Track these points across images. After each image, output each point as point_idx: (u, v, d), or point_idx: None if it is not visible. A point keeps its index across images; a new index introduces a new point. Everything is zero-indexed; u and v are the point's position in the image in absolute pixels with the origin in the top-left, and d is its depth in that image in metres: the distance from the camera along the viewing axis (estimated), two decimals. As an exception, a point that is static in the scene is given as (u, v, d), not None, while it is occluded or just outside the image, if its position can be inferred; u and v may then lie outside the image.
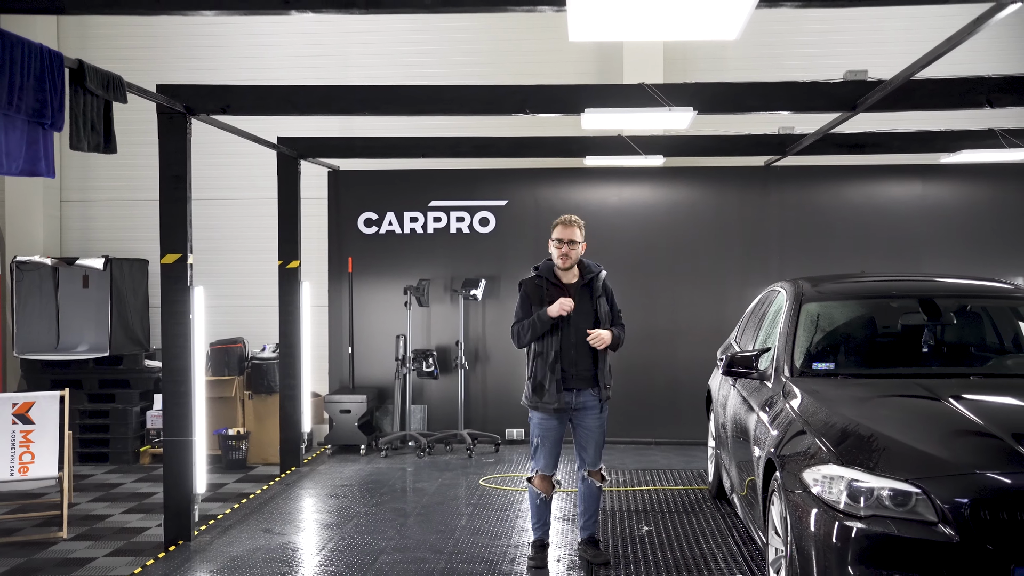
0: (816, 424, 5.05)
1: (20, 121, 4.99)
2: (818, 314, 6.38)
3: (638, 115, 6.89)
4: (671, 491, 8.42)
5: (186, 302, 6.92)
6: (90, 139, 5.65)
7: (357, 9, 4.33)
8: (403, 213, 10.84)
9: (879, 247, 10.49)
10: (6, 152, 4.89)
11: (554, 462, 6.34)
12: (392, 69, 10.76)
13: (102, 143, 5.77)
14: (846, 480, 4.54)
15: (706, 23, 4.21)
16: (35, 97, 5.04)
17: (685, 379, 10.35)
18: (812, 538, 4.58)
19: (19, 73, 4.90)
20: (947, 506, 4.30)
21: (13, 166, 4.97)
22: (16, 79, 4.88)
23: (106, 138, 5.81)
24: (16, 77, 4.88)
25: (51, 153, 5.25)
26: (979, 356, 6.26)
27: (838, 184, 10.71)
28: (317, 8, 4.45)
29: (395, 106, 7.08)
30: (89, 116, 5.63)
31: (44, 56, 5.12)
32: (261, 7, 4.51)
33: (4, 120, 4.86)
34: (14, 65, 4.87)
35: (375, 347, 10.87)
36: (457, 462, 9.78)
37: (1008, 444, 4.56)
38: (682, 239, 10.72)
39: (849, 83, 6.66)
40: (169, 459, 6.96)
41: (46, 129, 5.20)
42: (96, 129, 5.70)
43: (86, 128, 5.59)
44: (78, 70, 5.46)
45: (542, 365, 6.23)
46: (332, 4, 4.39)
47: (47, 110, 5.12)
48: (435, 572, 6.22)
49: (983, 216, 10.57)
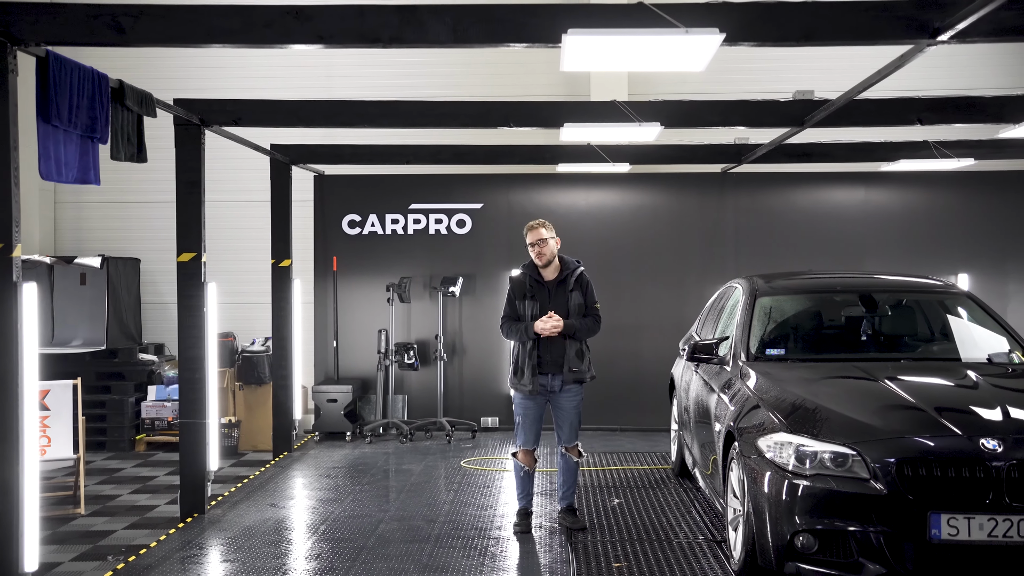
0: (769, 400, 5.87)
1: (75, 136, 5.67)
2: (770, 307, 7.22)
3: (611, 129, 7.70)
4: (637, 470, 9.22)
5: (200, 297, 7.61)
6: (126, 150, 6.33)
7: (381, 44, 5.05)
8: (385, 215, 11.55)
9: (825, 247, 11.38)
10: (65, 163, 5.58)
11: (534, 438, 7.10)
12: (371, 80, 11.53)
13: (135, 153, 6.46)
14: (794, 445, 5.36)
15: (679, 58, 5.01)
16: (88, 115, 5.72)
17: (648, 370, 11.17)
18: (766, 496, 5.40)
19: (75, 94, 5.58)
20: (877, 465, 5.13)
21: (69, 175, 5.65)
22: (73, 99, 5.56)
23: (138, 149, 6.50)
24: (73, 98, 5.56)
25: (97, 163, 5.93)
26: (910, 343, 7.13)
27: (788, 189, 11.60)
28: (347, 44, 5.17)
29: (393, 119, 7.83)
30: (126, 130, 6.31)
31: (94, 78, 5.81)
32: (300, 42, 5.20)
33: (64, 135, 5.54)
34: (72, 87, 5.55)
35: (358, 341, 11.58)
36: (437, 447, 10.51)
37: (930, 415, 5.41)
38: (646, 240, 11.53)
39: (798, 102, 7.50)
40: (185, 439, 7.64)
41: (94, 142, 5.89)
42: (131, 141, 6.39)
43: (124, 140, 6.28)
44: (119, 89, 6.14)
45: (522, 352, 7.01)
46: (361, 40, 5.10)
47: (97, 125, 5.81)
48: (432, 537, 6.97)
49: (918, 219, 11.51)
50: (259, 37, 5.17)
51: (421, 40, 5.05)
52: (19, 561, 5.19)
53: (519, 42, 5.05)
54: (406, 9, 5.07)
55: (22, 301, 5.13)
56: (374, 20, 5.01)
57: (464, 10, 5.03)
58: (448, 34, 5.00)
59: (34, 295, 5.26)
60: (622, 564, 6.29)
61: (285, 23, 5.07)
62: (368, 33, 5.03)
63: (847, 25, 5.07)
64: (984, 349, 6.81)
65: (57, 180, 5.53)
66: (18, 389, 5.08)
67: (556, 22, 4.91)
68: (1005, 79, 11.57)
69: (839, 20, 5.08)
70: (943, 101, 7.56)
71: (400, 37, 5.04)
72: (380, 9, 5.06)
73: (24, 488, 5.22)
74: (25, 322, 5.13)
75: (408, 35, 5.04)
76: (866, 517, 5.11)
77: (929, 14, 4.94)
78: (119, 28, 5.09)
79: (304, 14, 5.06)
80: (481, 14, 5.01)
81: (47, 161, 5.40)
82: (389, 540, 6.92)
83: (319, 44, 5.16)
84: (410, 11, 5.07)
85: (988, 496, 5.01)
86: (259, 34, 5.14)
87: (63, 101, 5.46)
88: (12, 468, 5.09)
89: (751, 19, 5.01)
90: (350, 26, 5.04)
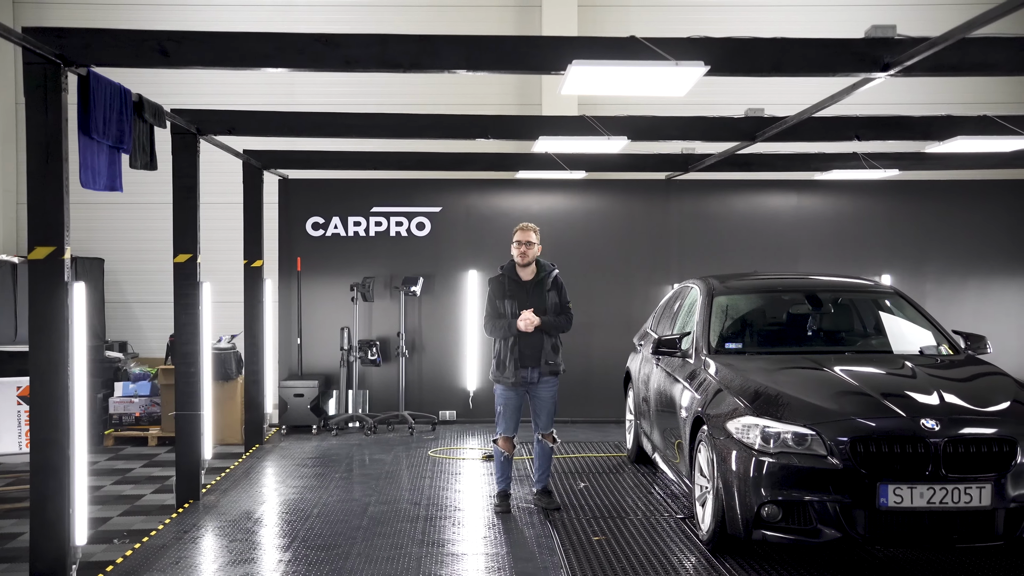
0: (734, 388, 6.59)
1: (106, 147, 6.14)
2: (727, 305, 7.96)
3: (583, 142, 8.38)
4: (595, 457, 9.91)
5: (196, 295, 8.08)
6: (141, 159, 6.79)
7: (402, 69, 5.62)
8: (347, 218, 12.06)
9: (762, 250, 12.20)
10: (97, 171, 6.04)
11: (514, 426, 7.75)
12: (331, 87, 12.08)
13: (148, 162, 6.92)
14: (760, 427, 6.09)
15: (666, 86, 5.70)
16: (116, 127, 6.19)
17: (598, 365, 11.88)
18: (734, 472, 6.12)
19: (108, 109, 6.05)
20: (833, 443, 5.89)
21: (100, 182, 6.11)
22: (105, 113, 6.03)
23: (151, 157, 6.96)
24: (106, 112, 6.03)
25: (121, 171, 6.39)
26: (851, 337, 7.94)
27: (728, 196, 12.42)
28: (371, 69, 5.72)
29: (378, 130, 8.40)
30: (141, 140, 6.76)
31: (120, 93, 6.27)
32: (330, 67, 5.74)
33: (96, 146, 6.00)
34: (104, 102, 6.02)
35: (321, 338, 12.07)
36: (400, 439, 11.07)
37: (877, 400, 6.19)
38: (596, 243, 12.23)
39: (750, 119, 8.25)
40: (181, 429, 8.09)
41: (119, 152, 6.35)
42: (146, 150, 6.85)
43: (141, 150, 6.74)
44: (139, 103, 6.60)
45: (504, 348, 7.64)
46: (383, 65, 5.65)
47: (124, 137, 6.29)
48: (420, 517, 7.56)
49: (846, 224, 12.42)
50: (291, 61, 5.70)
51: (437, 67, 5.63)
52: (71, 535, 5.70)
53: (526, 70, 5.67)
54: (424, 39, 5.65)
55: (73, 299, 5.59)
56: (396, 48, 5.58)
57: (476, 40, 5.63)
58: (462, 62, 5.60)
59: (83, 294, 5.73)
60: (600, 537, 6.96)
61: (315, 49, 5.60)
62: (390, 60, 5.60)
63: (810, 59, 5.80)
64: (914, 341, 7.65)
65: (92, 188, 5.98)
66: (69, 380, 5.55)
67: (559, 53, 5.53)
68: (934, 96, 12.52)
69: (803, 55, 5.81)
70: (879, 120, 8.43)
71: (418, 63, 5.61)
72: (401, 38, 5.63)
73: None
74: (76, 318, 5.61)
75: (425, 62, 5.61)
76: (824, 489, 5.86)
77: (880, 51, 5.70)
78: (164, 52, 5.57)
79: (332, 41, 5.60)
80: (492, 44, 5.63)
81: (86, 171, 5.86)
82: (382, 521, 7.49)
83: (347, 70, 5.72)
84: (428, 40, 5.65)
85: (927, 468, 5.80)
86: (291, 59, 5.67)
87: (99, 115, 5.93)
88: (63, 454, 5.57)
89: (729, 52, 5.71)
90: (374, 53, 5.60)
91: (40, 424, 5.59)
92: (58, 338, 5.48)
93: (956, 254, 12.41)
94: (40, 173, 5.48)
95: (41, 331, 5.50)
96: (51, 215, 5.53)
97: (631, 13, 12.77)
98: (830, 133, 8.48)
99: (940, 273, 12.41)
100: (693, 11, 12.76)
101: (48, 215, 5.52)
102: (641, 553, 6.60)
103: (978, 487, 5.77)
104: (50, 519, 5.53)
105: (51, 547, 5.56)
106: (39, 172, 5.48)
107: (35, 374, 5.56)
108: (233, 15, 12.35)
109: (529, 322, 7.49)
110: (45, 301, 5.50)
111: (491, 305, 7.71)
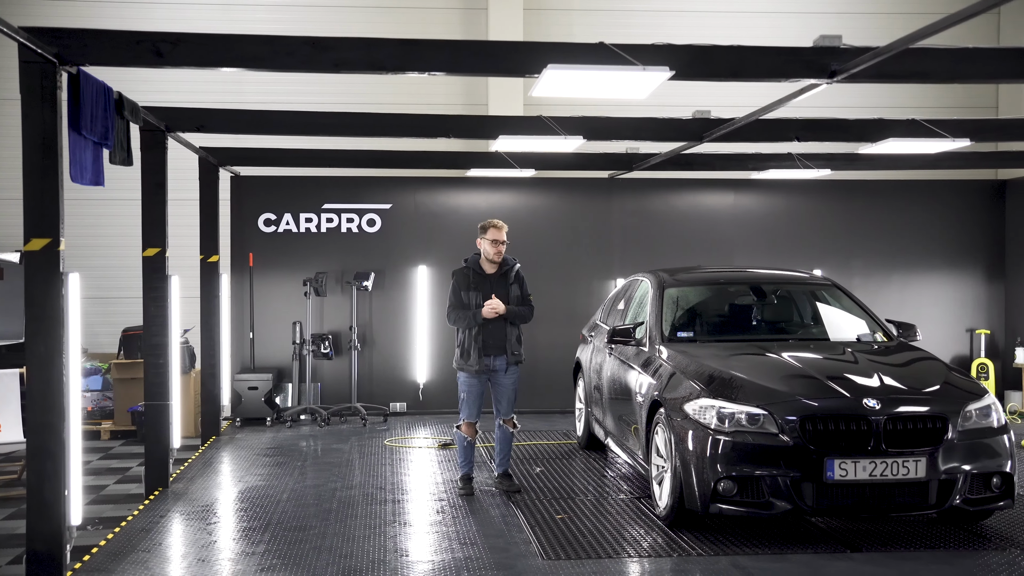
0: (689, 372, 7.04)
1: (91, 143, 6.34)
2: (677, 296, 8.42)
3: (540, 141, 8.77)
4: (546, 444, 10.31)
5: (165, 289, 8.28)
6: (120, 155, 6.99)
7: (388, 71, 5.94)
8: (299, 214, 12.29)
9: (700, 246, 12.72)
10: (83, 167, 6.25)
11: (476, 412, 8.12)
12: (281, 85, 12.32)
13: (126, 158, 7.12)
14: (715, 408, 6.55)
15: (631, 89, 6.12)
16: (101, 124, 6.39)
17: (543, 357, 12.27)
18: (692, 451, 6.56)
19: (95, 106, 6.26)
20: (784, 422, 6.37)
21: (86, 177, 6.32)
22: (92, 110, 6.24)
23: (128, 153, 7.16)
24: (92, 109, 6.24)
25: (103, 166, 6.60)
26: (792, 326, 8.46)
27: (668, 194, 12.92)
28: (359, 71, 6.02)
29: (346, 128, 8.70)
30: (120, 137, 6.97)
31: (104, 91, 6.48)
32: (320, 69, 6.02)
33: (83, 143, 6.21)
34: (90, 100, 6.22)
35: (273, 332, 12.27)
36: (354, 430, 11.34)
37: (822, 381, 6.70)
38: (542, 239, 12.60)
39: (698, 120, 8.72)
40: (150, 419, 8.29)
41: (102, 148, 6.56)
42: (123, 147, 7.05)
43: (120, 146, 6.94)
44: (119, 100, 6.81)
45: (468, 337, 8.00)
46: (371, 68, 5.96)
47: (108, 134, 6.49)
48: (388, 500, 7.88)
49: (779, 221, 13.02)
50: (282, 64, 5.98)
51: (422, 69, 5.95)
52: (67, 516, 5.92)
53: (506, 74, 6.03)
54: (410, 43, 5.99)
55: (68, 289, 5.81)
56: (383, 52, 5.90)
57: (460, 45, 5.99)
58: (447, 65, 5.94)
59: (77, 284, 5.94)
60: (563, 515, 7.36)
61: (306, 52, 5.88)
62: (377, 62, 5.91)
63: (765, 65, 6.27)
64: (851, 329, 8.20)
65: (80, 183, 6.19)
66: (65, 370, 5.77)
67: (535, 57, 5.89)
68: (867, 100, 13.17)
69: (759, 61, 6.27)
70: (817, 123, 8.97)
71: (403, 66, 5.93)
72: (388, 42, 5.95)
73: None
74: (70, 308, 5.82)
75: (411, 64, 5.94)
76: (775, 464, 6.34)
77: (827, 59, 6.17)
78: (158, 52, 5.80)
79: (321, 44, 5.88)
80: (475, 49, 5.99)
81: (75, 166, 6.08)
82: (351, 504, 7.79)
83: (336, 71, 6.01)
84: (414, 44, 5.98)
85: (869, 444, 6.32)
86: (282, 61, 5.94)
87: (87, 112, 6.13)
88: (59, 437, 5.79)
89: (690, 58, 6.13)
90: (361, 56, 5.91)
91: (37, 409, 5.79)
92: (54, 326, 5.69)
93: (881, 249, 13.09)
94: (37, 168, 5.68)
95: (38, 319, 5.70)
96: (47, 208, 5.73)
97: (574, 17, 13.22)
98: (772, 134, 9.01)
99: (866, 267, 13.07)
100: (627, 16, 13.28)
101: (45, 208, 5.72)
102: (603, 529, 7.01)
103: (915, 460, 6.31)
104: (47, 500, 5.74)
105: (47, 527, 5.77)
106: (36, 167, 5.68)
107: (32, 361, 5.76)
108: (178, 13, 12.54)
109: (493, 309, 7.85)
110: (41, 290, 5.71)
111: (455, 296, 8.05)
